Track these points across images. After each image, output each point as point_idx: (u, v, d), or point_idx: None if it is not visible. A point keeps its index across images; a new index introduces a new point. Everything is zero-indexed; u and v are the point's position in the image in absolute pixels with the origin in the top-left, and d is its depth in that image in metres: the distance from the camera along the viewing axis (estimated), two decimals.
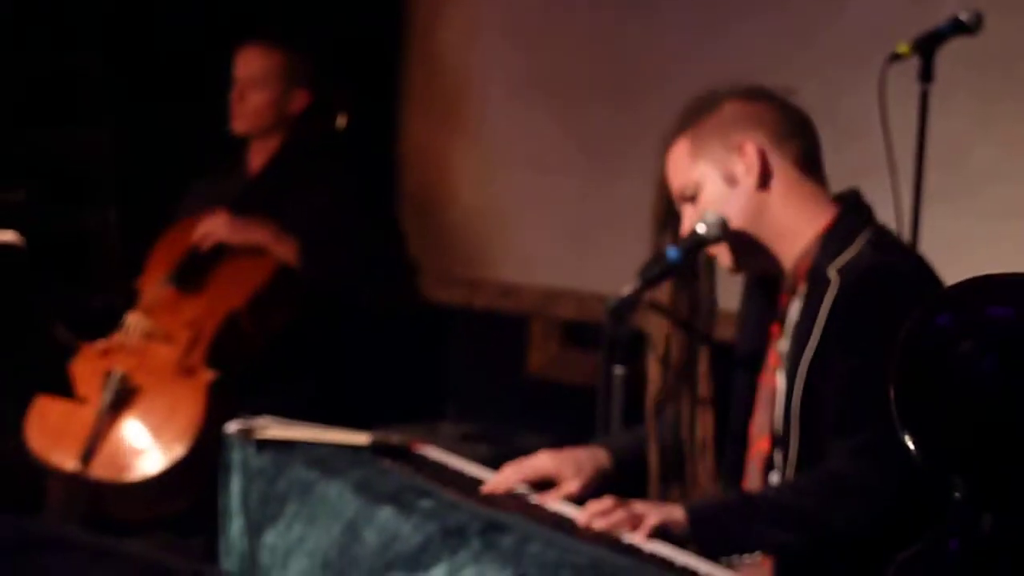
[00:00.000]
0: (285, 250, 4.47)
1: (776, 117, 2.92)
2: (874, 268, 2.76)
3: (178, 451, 4.15)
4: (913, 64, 3.34)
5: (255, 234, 4.49)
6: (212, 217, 4.51)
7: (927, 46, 3.33)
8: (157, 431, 4.20)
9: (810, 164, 2.93)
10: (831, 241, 2.84)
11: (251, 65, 4.65)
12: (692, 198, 2.93)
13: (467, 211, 5.25)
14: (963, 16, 3.36)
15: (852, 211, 2.91)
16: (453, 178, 5.28)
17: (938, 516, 1.64)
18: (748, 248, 2.91)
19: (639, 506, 2.70)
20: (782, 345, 2.89)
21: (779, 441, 2.85)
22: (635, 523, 2.65)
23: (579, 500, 2.86)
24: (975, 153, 4.17)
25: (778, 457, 2.86)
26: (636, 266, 2.93)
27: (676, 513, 2.69)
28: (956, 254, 2.84)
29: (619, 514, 2.66)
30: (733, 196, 2.90)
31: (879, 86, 3.14)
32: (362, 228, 4.63)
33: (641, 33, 4.90)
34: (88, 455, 4.12)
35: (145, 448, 4.18)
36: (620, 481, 2.98)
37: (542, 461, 2.97)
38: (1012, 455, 1.56)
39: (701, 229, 2.90)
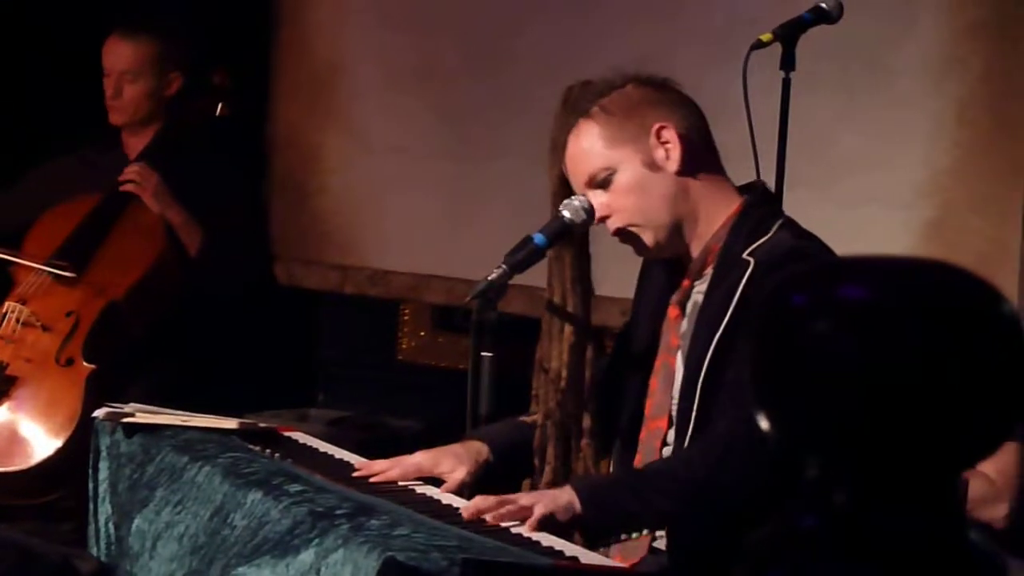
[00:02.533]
0: (190, 236, 4.43)
1: (678, 103, 2.93)
2: (792, 251, 2.78)
3: (55, 444, 4.10)
4: (777, 51, 3.39)
5: (172, 210, 4.44)
6: (144, 171, 4.45)
7: (789, 34, 3.38)
8: (35, 423, 4.15)
9: (713, 150, 2.95)
10: (743, 227, 2.85)
11: (122, 58, 4.59)
12: (604, 183, 2.90)
13: (337, 196, 5.23)
14: (825, 5, 3.41)
15: (762, 199, 2.94)
16: (323, 163, 5.27)
17: (788, 496, 1.66)
18: (667, 232, 2.89)
19: (525, 498, 2.67)
20: (683, 327, 2.90)
21: (678, 421, 2.85)
22: (522, 515, 2.61)
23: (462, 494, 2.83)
24: (837, 141, 4.25)
25: (674, 437, 2.86)
26: (506, 251, 2.94)
27: (563, 496, 2.66)
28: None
29: (506, 508, 2.63)
30: (654, 181, 2.88)
31: (743, 73, 3.18)
32: (243, 215, 4.62)
33: (511, 14, 4.92)
34: None
35: (22, 440, 4.12)
36: (502, 471, 2.95)
37: (419, 458, 2.92)
38: (864, 433, 1.60)
39: (567, 214, 2.90)
